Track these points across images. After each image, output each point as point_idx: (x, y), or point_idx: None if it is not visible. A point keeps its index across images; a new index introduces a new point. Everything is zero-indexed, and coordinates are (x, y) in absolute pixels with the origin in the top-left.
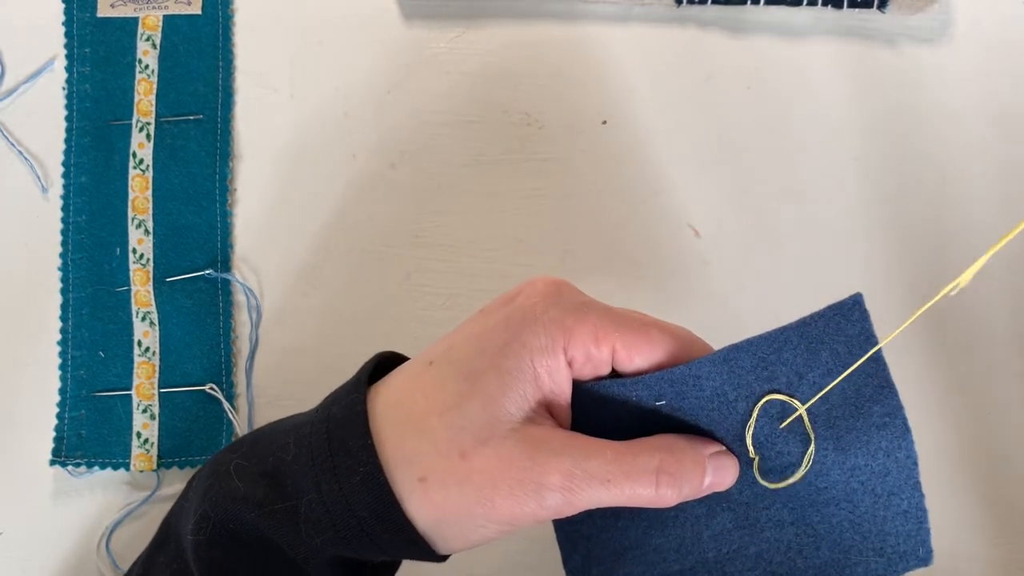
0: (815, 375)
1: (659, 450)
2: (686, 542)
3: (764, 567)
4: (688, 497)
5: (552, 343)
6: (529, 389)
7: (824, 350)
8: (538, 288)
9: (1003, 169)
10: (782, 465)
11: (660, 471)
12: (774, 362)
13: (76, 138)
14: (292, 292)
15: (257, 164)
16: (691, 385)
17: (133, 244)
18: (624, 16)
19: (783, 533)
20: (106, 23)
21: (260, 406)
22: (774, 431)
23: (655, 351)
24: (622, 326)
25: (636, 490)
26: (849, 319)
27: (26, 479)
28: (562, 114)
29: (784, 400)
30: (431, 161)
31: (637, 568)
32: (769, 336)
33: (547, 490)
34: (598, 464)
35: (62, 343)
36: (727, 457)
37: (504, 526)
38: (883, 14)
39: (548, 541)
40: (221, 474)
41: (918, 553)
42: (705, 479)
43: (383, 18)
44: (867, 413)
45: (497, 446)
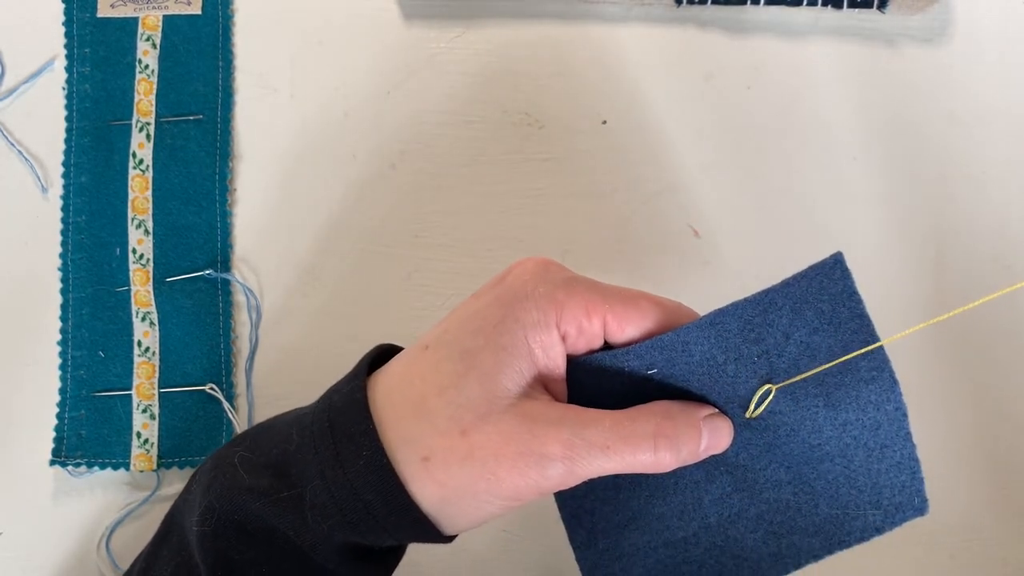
0: (801, 334)
1: (655, 415)
2: (688, 508)
3: (766, 527)
4: (686, 461)
5: (544, 317)
6: (524, 364)
7: (809, 309)
8: (527, 267)
9: (1003, 169)
10: (775, 424)
11: (657, 435)
12: (760, 324)
13: (76, 138)
14: (292, 292)
15: (257, 164)
16: (680, 351)
17: (133, 244)
18: (624, 16)
19: (781, 493)
20: (106, 23)
21: (260, 406)
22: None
23: (645, 320)
24: (611, 298)
25: (636, 455)
26: (831, 278)
27: (26, 479)
28: (562, 114)
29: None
30: (431, 161)
31: (642, 538)
32: (754, 299)
33: (549, 460)
34: (597, 432)
35: (62, 343)
36: (720, 419)
37: (509, 501)
38: (883, 14)
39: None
40: (225, 466)
41: (913, 503)
42: (701, 442)
43: (383, 18)
44: (854, 368)
45: (496, 421)
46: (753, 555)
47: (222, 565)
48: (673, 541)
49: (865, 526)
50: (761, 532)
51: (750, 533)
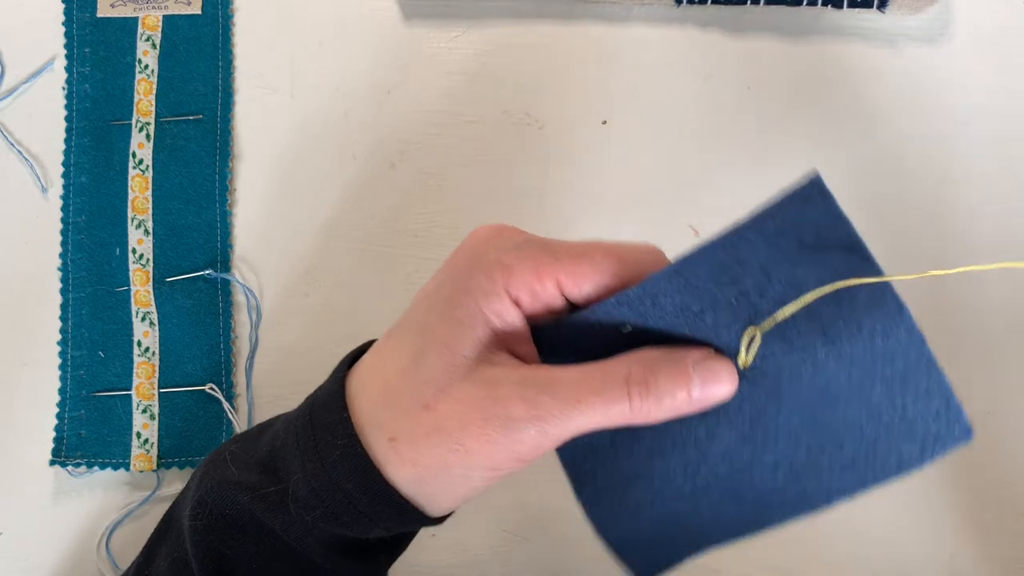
0: (783, 269)
1: (629, 363)
2: (691, 463)
3: (785, 471)
4: (678, 410)
5: (493, 285)
6: (481, 332)
7: (787, 241)
8: (479, 235)
9: (1003, 169)
10: (773, 370)
11: (630, 382)
12: (733, 264)
13: (76, 138)
14: (292, 292)
15: (257, 164)
16: (649, 305)
17: (133, 244)
18: (624, 16)
19: (799, 438)
20: (106, 23)
21: (260, 406)
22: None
23: (601, 274)
24: (562, 256)
25: (609, 408)
26: (810, 203)
27: (26, 479)
28: (562, 114)
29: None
30: (431, 161)
31: (647, 494)
32: (723, 238)
33: (516, 423)
34: (563, 387)
35: (62, 343)
36: (717, 361)
37: (487, 471)
38: (883, 14)
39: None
40: (218, 462)
41: (953, 432)
42: (692, 388)
43: (383, 18)
44: (851, 298)
45: (457, 391)
46: (775, 498)
47: (212, 559)
48: (682, 494)
49: (900, 461)
50: (781, 476)
51: (768, 478)
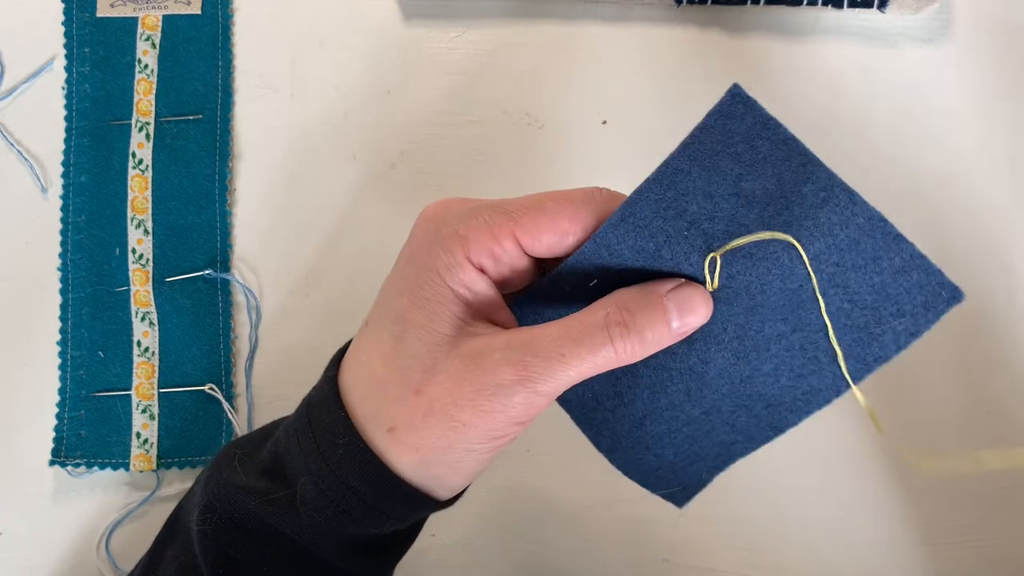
0: (725, 188)
1: (605, 306)
2: (693, 389)
3: (787, 373)
4: (661, 342)
5: (453, 258)
6: (454, 307)
7: (723, 159)
8: (427, 214)
9: (1003, 169)
10: (743, 286)
11: (609, 324)
12: (673, 197)
13: (76, 138)
14: (292, 292)
15: (257, 164)
16: (606, 256)
17: (133, 244)
18: (624, 16)
19: (790, 342)
20: (106, 23)
21: (260, 406)
22: (714, 261)
23: (558, 222)
24: (514, 213)
25: (595, 354)
26: (735, 116)
27: (26, 479)
28: (562, 114)
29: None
30: (431, 161)
31: (660, 427)
32: (656, 175)
33: (505, 387)
34: (546, 344)
35: (62, 343)
36: (689, 287)
37: (488, 442)
38: (883, 14)
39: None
40: (224, 467)
41: (941, 296)
42: (671, 319)
43: (383, 18)
44: (800, 197)
45: (444, 369)
46: (786, 398)
47: (223, 563)
48: (693, 418)
49: (897, 336)
50: (784, 378)
51: (773, 384)
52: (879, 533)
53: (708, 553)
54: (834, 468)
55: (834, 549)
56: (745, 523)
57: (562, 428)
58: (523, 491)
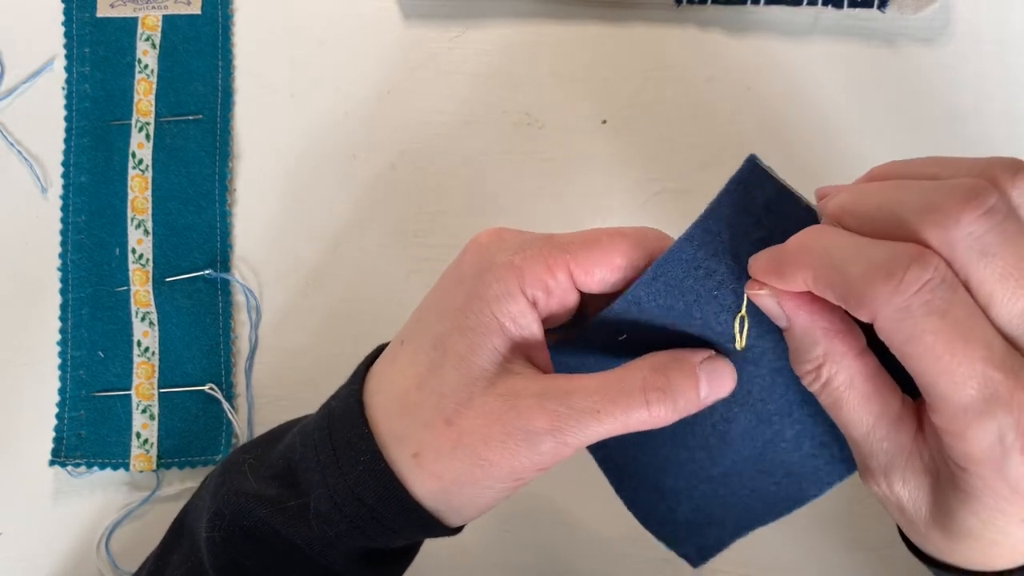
0: (752, 249)
1: (643, 369)
2: (713, 447)
3: (810, 441)
4: (689, 410)
5: (507, 288)
6: (497, 340)
7: (746, 223)
8: (481, 240)
9: None
10: (771, 347)
11: (647, 389)
12: (703, 257)
13: (76, 138)
14: (292, 292)
15: (257, 164)
16: (637, 313)
17: (133, 244)
18: (624, 16)
19: (813, 407)
20: (106, 23)
21: (260, 406)
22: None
23: (611, 256)
24: (570, 247)
25: (629, 415)
26: (755, 184)
27: (26, 479)
28: (562, 114)
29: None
30: (431, 161)
31: (679, 480)
32: (686, 235)
33: (536, 435)
34: (582, 397)
35: (62, 343)
36: (719, 361)
37: (508, 482)
38: (883, 14)
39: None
40: (234, 472)
41: None
42: (701, 389)
43: (383, 18)
44: None
45: (479, 405)
46: (807, 468)
47: (232, 570)
48: (712, 476)
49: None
50: (807, 446)
51: (795, 451)
52: (880, 533)
53: None
54: None
55: (834, 549)
56: None
57: None
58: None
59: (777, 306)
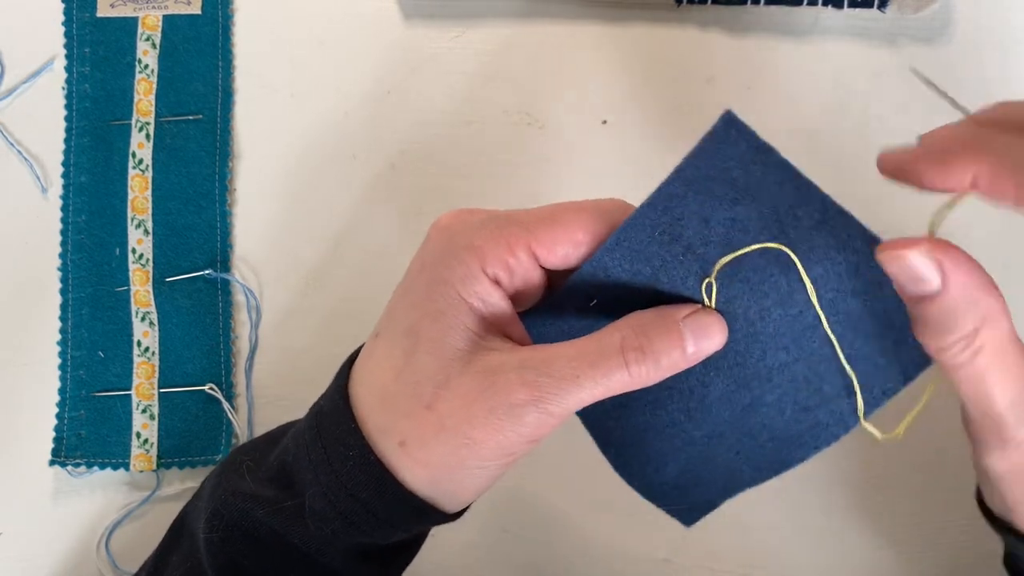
0: (721, 213)
1: (621, 329)
2: (693, 411)
3: (792, 406)
4: (675, 367)
5: (468, 269)
6: (468, 320)
7: (717, 184)
8: (441, 224)
9: None
10: (742, 312)
11: (626, 349)
12: (668, 222)
13: (76, 138)
14: (292, 292)
15: (257, 164)
16: (604, 278)
17: (133, 244)
18: (624, 16)
19: (793, 372)
20: (106, 23)
21: (260, 406)
22: (712, 284)
23: (572, 232)
24: (530, 224)
25: (609, 377)
26: (729, 141)
27: (26, 479)
28: (562, 114)
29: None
30: (431, 161)
31: (662, 444)
32: (649, 200)
33: (518, 408)
34: (561, 365)
35: (62, 343)
36: (706, 314)
37: (499, 459)
38: (883, 14)
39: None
40: (231, 474)
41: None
42: (686, 344)
43: (383, 18)
44: (795, 220)
45: (456, 386)
46: (791, 432)
47: (230, 571)
48: (695, 440)
49: (905, 366)
50: (789, 411)
51: (777, 415)
52: (880, 533)
53: (708, 553)
54: (835, 467)
55: (835, 549)
56: (745, 523)
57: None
58: (524, 491)
59: (931, 266)
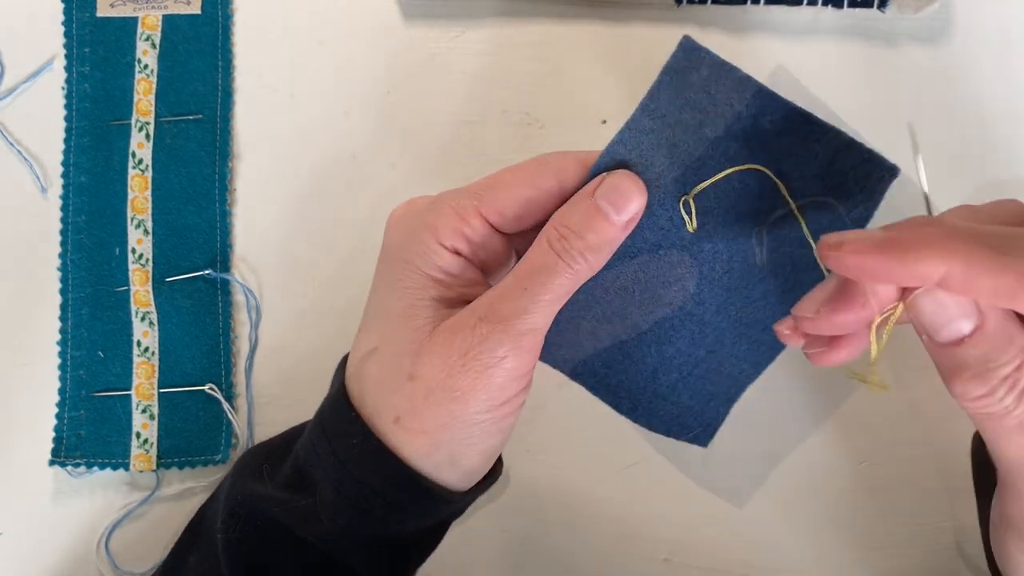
0: (689, 136)
1: (545, 230)
2: (696, 333)
3: (776, 292)
4: (611, 239)
5: (424, 246)
6: (433, 293)
7: (684, 111)
8: (394, 215)
9: (1003, 170)
10: (716, 224)
11: (551, 240)
12: (639, 154)
13: (75, 138)
14: (292, 292)
15: (257, 164)
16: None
17: (132, 244)
18: (624, 16)
19: (773, 260)
20: (106, 23)
21: (260, 406)
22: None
23: (518, 190)
24: (475, 192)
25: (553, 276)
26: (690, 68)
27: (26, 479)
28: (562, 114)
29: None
30: (431, 161)
31: (673, 375)
32: (617, 138)
33: (486, 339)
34: (506, 287)
35: (62, 343)
36: (614, 177)
37: (492, 411)
38: (883, 14)
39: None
40: (246, 475)
41: (882, 176)
42: (607, 213)
43: (383, 18)
44: (759, 130)
45: (428, 348)
46: (779, 316)
47: (248, 570)
48: (701, 359)
49: (856, 222)
50: (773, 297)
51: (764, 306)
52: (880, 533)
53: (708, 553)
54: (835, 467)
55: (835, 549)
56: (745, 523)
57: (562, 428)
58: (523, 491)
59: (969, 305)
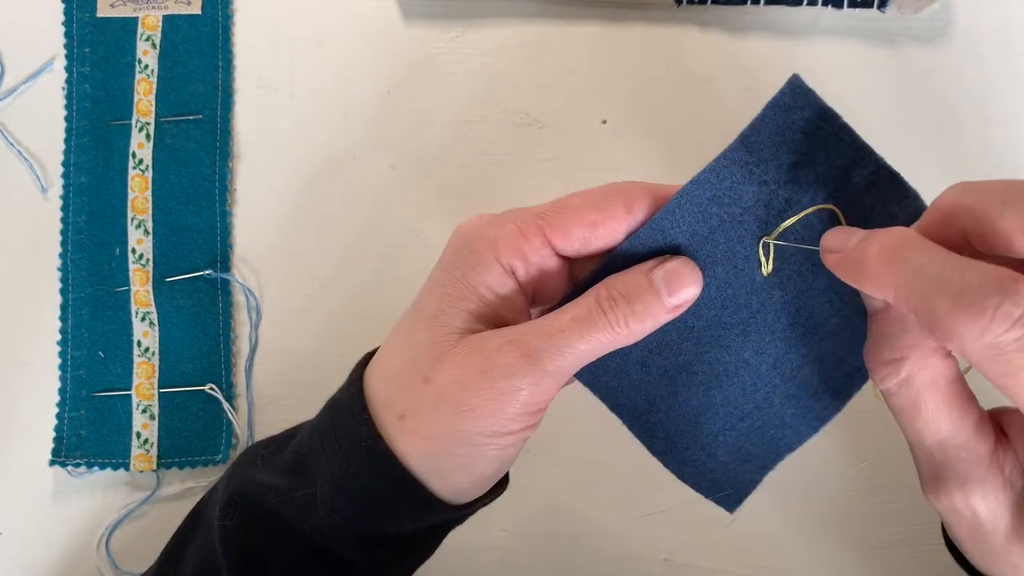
0: (780, 176)
1: (597, 287)
2: (747, 384)
3: (832, 358)
4: (656, 317)
5: (481, 258)
6: (470, 305)
7: (781, 150)
8: (460, 228)
9: (1003, 170)
10: (796, 268)
11: (600, 300)
12: (730, 186)
13: (76, 138)
14: (292, 292)
15: (257, 164)
16: (660, 239)
17: (133, 244)
18: (624, 16)
19: (836, 324)
20: (106, 23)
21: (260, 406)
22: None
23: (584, 214)
24: (542, 214)
25: (592, 329)
26: (794, 107)
27: (26, 479)
28: (562, 114)
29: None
30: (431, 161)
31: (715, 425)
32: (713, 165)
33: (510, 367)
34: (546, 325)
35: (62, 343)
36: (673, 261)
37: (496, 437)
38: (883, 14)
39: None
40: (246, 465)
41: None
42: (662, 295)
43: (383, 18)
44: (847, 180)
45: (451, 356)
46: (830, 384)
47: (242, 557)
48: (747, 413)
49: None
50: (829, 363)
51: (819, 370)
52: (880, 533)
53: (708, 553)
54: (835, 467)
55: (835, 549)
56: (745, 523)
57: (562, 428)
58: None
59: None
